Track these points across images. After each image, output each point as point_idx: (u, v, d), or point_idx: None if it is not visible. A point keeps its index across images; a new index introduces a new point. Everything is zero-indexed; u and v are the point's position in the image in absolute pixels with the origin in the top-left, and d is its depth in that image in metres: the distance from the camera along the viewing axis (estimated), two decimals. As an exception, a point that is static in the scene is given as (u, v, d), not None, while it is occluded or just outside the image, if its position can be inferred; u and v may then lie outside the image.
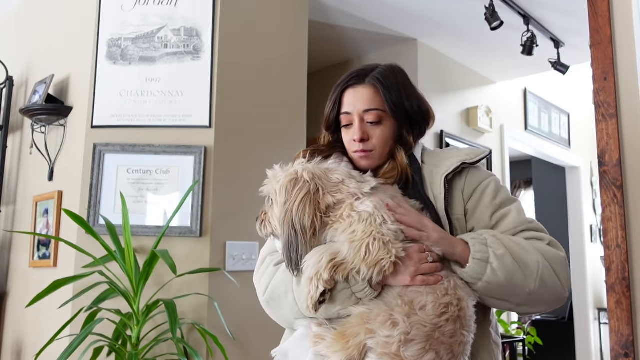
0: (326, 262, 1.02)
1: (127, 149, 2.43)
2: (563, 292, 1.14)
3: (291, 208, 1.06)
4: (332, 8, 3.44)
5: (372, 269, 1.01)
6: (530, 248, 1.12)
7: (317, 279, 1.02)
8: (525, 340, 4.53)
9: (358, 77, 1.23)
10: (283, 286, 1.14)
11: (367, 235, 1.01)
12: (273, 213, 1.13)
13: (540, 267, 1.10)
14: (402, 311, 1.00)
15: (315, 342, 1.06)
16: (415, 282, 1.04)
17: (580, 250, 5.50)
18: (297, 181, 1.08)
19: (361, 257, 1.01)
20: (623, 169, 1.67)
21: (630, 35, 1.70)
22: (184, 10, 2.55)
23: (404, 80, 1.26)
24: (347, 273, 1.03)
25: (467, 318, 1.06)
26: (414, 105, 1.25)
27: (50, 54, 2.98)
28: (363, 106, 1.21)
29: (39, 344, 2.27)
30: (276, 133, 2.72)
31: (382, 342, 0.98)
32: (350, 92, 1.23)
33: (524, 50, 3.51)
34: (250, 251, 2.49)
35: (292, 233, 1.05)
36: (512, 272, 1.08)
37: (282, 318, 1.19)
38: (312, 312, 1.05)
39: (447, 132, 4.05)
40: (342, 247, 1.03)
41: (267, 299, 1.18)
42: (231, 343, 2.31)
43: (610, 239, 1.65)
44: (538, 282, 1.09)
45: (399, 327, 0.98)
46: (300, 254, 1.05)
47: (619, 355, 1.60)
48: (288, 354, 1.13)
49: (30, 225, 2.79)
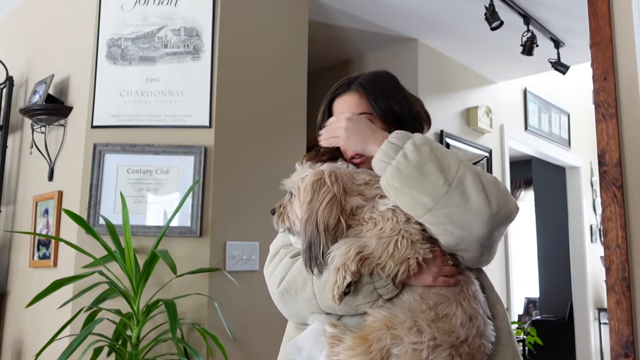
0: (354, 253, 1.01)
1: (127, 149, 2.43)
2: (486, 206, 1.01)
3: (317, 208, 1.06)
4: (332, 8, 3.44)
5: (398, 266, 1.01)
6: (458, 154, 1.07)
7: (344, 269, 1.01)
8: (525, 340, 4.53)
9: (344, 86, 1.28)
10: (302, 278, 1.12)
11: (396, 233, 1.01)
12: (293, 208, 1.13)
13: (462, 169, 1.03)
14: (427, 317, 1.00)
15: (332, 343, 1.04)
16: (437, 282, 1.05)
17: (580, 250, 5.50)
18: (323, 181, 1.08)
19: (389, 253, 1.01)
20: (623, 169, 1.67)
21: (630, 35, 1.70)
22: (184, 10, 2.55)
23: (389, 83, 1.28)
24: (372, 268, 1.02)
25: (487, 326, 1.06)
26: (404, 107, 1.26)
27: (50, 54, 2.98)
28: (350, 111, 1.23)
29: (39, 344, 2.27)
30: (276, 133, 2.72)
31: (411, 350, 0.97)
32: (338, 101, 1.28)
33: (524, 50, 3.51)
34: (250, 251, 2.49)
35: (315, 232, 1.05)
36: (426, 161, 1.03)
37: (295, 312, 1.17)
38: (336, 302, 1.04)
39: (447, 132, 4.05)
40: (370, 242, 1.03)
41: (282, 290, 1.15)
42: (231, 343, 2.31)
43: (610, 239, 1.65)
44: (456, 181, 1.02)
45: (425, 333, 0.98)
46: (321, 252, 1.05)
47: (619, 355, 1.60)
48: (302, 349, 1.11)
49: (30, 225, 2.79)
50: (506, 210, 1.04)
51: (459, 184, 1.02)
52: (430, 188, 1.02)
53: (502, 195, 1.04)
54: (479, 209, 1.01)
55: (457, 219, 1.02)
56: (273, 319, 1.27)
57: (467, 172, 1.03)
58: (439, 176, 1.02)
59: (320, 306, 1.10)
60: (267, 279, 1.22)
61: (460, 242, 1.05)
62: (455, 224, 1.02)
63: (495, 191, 1.03)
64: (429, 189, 1.02)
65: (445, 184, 1.02)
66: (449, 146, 4.03)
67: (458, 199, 1.01)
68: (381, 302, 1.05)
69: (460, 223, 1.02)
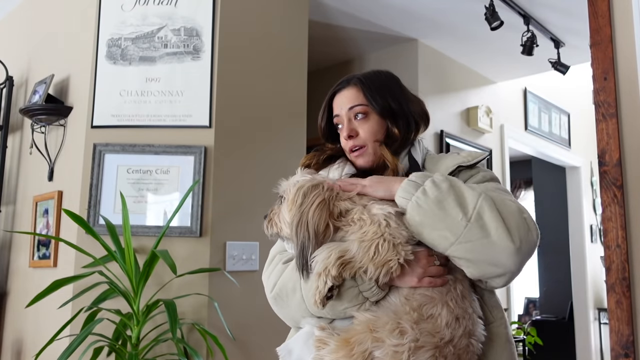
0: (335, 258, 1.02)
1: (127, 149, 2.43)
2: (508, 240, 1.00)
3: (307, 211, 1.06)
4: (332, 8, 3.44)
5: (379, 269, 1.01)
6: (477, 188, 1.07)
7: (325, 274, 1.02)
8: (525, 340, 4.53)
9: (343, 82, 1.32)
10: (291, 283, 1.14)
11: (378, 236, 1.02)
12: (281, 213, 1.13)
13: (480, 201, 1.03)
14: (410, 318, 1.00)
15: (318, 346, 1.05)
16: (423, 283, 1.05)
17: (580, 250, 5.50)
18: (314, 186, 1.09)
19: (369, 257, 1.01)
20: (623, 169, 1.66)
21: (630, 35, 1.70)
22: (184, 10, 2.55)
23: (387, 80, 1.31)
24: (355, 271, 1.03)
25: (476, 325, 1.06)
26: (401, 104, 1.28)
27: (50, 54, 2.98)
28: (348, 104, 1.28)
29: (39, 344, 2.26)
30: (276, 133, 2.72)
31: (392, 352, 0.97)
32: (338, 97, 1.31)
33: (524, 50, 3.51)
34: (250, 251, 2.49)
35: (307, 236, 1.06)
36: (445, 196, 1.03)
37: (288, 316, 1.19)
38: (319, 307, 1.05)
39: (447, 132, 4.05)
40: (352, 246, 1.03)
41: (274, 295, 1.19)
42: (231, 343, 2.31)
43: (610, 239, 1.65)
44: (474, 215, 1.02)
45: (407, 335, 0.97)
46: (310, 256, 1.06)
47: (619, 355, 1.60)
48: (293, 352, 1.12)
49: (30, 225, 2.79)
50: (530, 242, 1.03)
51: (478, 217, 1.02)
52: (451, 222, 1.02)
53: (523, 225, 1.03)
54: (501, 243, 1.01)
55: (480, 253, 1.02)
56: (273, 319, 1.27)
57: (484, 205, 1.03)
58: (458, 211, 1.02)
59: (310, 310, 1.11)
60: (264, 283, 1.25)
61: (488, 275, 1.06)
62: (480, 258, 1.03)
63: (515, 222, 1.03)
64: (450, 223, 1.02)
65: (464, 218, 1.02)
66: (449, 146, 4.03)
67: (478, 233, 1.01)
68: (368, 304, 1.06)
69: (485, 258, 1.02)
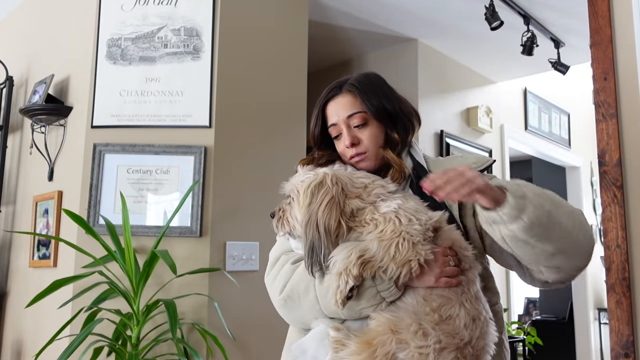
0: (355, 257, 1.01)
1: (127, 149, 2.43)
2: (592, 239, 1.14)
3: (316, 210, 1.05)
4: (332, 8, 3.44)
5: (400, 268, 1.00)
6: None
7: (346, 274, 1.01)
8: (525, 340, 4.52)
9: (335, 89, 1.29)
10: (303, 284, 1.12)
11: (397, 235, 1.01)
12: (292, 212, 1.12)
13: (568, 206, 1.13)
14: (431, 319, 0.99)
15: (335, 348, 1.03)
16: (439, 283, 1.05)
17: (581, 250, 5.49)
18: (322, 184, 1.08)
19: (390, 256, 1.00)
20: (623, 169, 1.66)
21: (630, 35, 1.70)
22: (184, 10, 2.55)
23: (379, 83, 1.30)
24: (375, 271, 1.02)
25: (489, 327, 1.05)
26: (395, 105, 1.27)
27: (50, 54, 2.98)
28: (346, 112, 1.25)
29: (39, 344, 2.26)
30: (276, 133, 2.72)
31: (417, 354, 0.96)
32: (332, 104, 1.28)
33: (524, 50, 3.51)
34: (250, 251, 2.49)
35: (316, 235, 1.05)
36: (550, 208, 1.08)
37: (298, 318, 1.17)
38: (339, 307, 1.04)
39: (447, 132, 4.04)
40: (371, 245, 1.02)
41: (284, 297, 1.15)
42: (231, 343, 2.31)
43: (610, 239, 1.65)
44: (572, 220, 1.11)
45: (431, 336, 0.97)
46: (323, 256, 1.05)
47: (619, 355, 1.60)
48: (307, 351, 1.10)
49: (30, 225, 2.79)
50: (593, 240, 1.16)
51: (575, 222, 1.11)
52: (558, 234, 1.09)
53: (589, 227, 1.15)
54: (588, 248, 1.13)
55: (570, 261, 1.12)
56: (273, 319, 1.27)
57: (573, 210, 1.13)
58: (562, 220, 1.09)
59: (324, 311, 1.10)
60: (269, 287, 1.22)
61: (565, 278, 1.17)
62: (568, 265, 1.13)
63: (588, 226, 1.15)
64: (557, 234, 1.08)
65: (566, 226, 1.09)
66: (449, 146, 4.03)
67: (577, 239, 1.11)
68: (384, 305, 1.05)
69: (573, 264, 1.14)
